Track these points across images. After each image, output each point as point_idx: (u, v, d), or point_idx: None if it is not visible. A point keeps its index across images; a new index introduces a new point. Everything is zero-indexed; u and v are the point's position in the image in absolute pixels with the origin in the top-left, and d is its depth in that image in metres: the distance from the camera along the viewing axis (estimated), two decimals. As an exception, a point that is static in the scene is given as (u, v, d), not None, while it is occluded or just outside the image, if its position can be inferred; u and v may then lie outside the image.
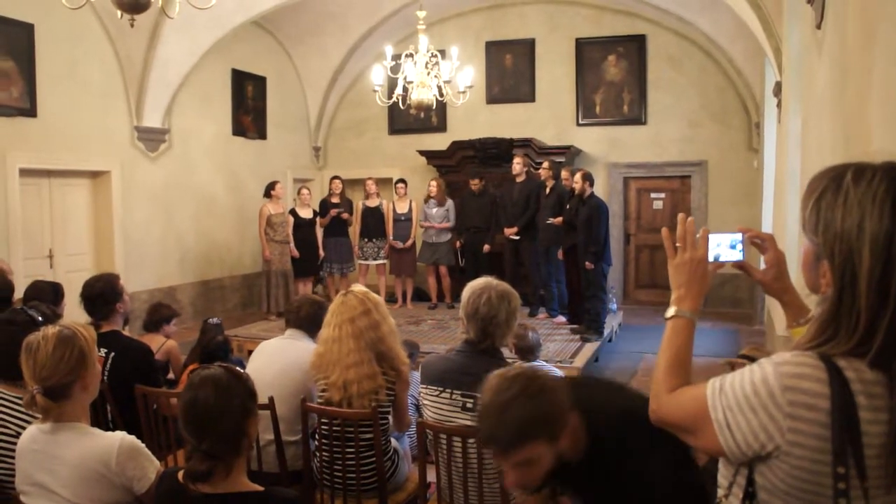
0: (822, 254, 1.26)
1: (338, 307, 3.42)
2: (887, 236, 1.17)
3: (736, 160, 11.17)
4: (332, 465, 3.37)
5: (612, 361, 8.16)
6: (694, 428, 1.40)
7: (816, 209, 1.27)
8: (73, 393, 2.31)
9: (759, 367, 1.29)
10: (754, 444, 1.28)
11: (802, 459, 1.24)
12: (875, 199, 1.19)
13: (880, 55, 2.01)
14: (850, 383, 1.21)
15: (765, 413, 1.26)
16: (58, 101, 8.39)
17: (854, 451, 1.20)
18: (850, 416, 1.20)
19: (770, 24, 6.61)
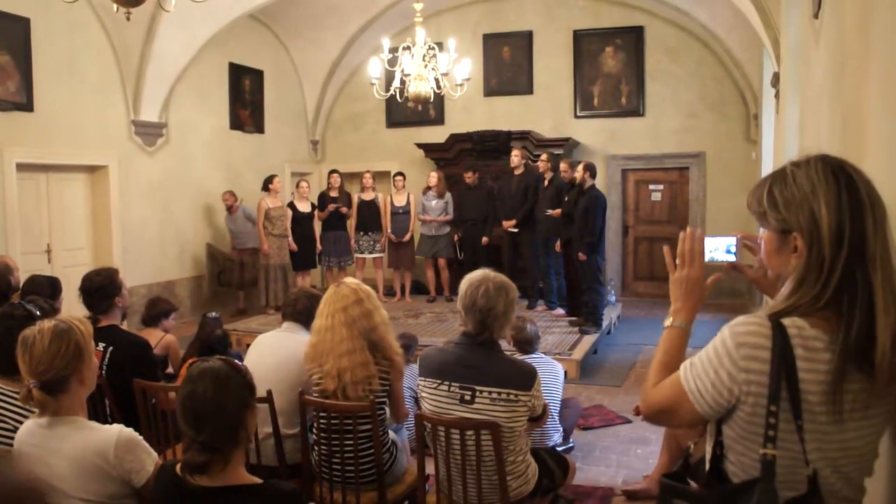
0: (790, 224, 1.51)
1: (330, 297, 3.43)
2: (836, 194, 1.46)
3: (734, 151, 11.16)
4: (331, 457, 3.37)
5: (611, 353, 8.17)
6: (675, 406, 1.61)
7: (771, 197, 1.54)
8: (69, 387, 2.31)
9: (720, 334, 1.53)
10: (721, 401, 1.52)
11: (753, 405, 1.48)
12: (818, 171, 1.48)
13: (877, 44, 2.01)
14: (791, 338, 1.45)
15: (724, 370, 1.50)
16: (55, 95, 8.37)
17: (791, 395, 1.44)
18: (789, 364, 1.44)
19: (768, 15, 6.60)
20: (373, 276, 10.43)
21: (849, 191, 1.46)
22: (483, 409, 2.92)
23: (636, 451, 5.29)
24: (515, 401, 2.92)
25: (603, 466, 5.03)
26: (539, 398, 3.05)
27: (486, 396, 2.92)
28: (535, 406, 3.02)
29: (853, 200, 1.46)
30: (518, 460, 3.04)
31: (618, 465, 5.06)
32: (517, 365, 3.07)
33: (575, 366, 7.11)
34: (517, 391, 2.92)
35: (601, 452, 5.29)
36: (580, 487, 4.57)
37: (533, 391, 2.97)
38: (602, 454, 5.26)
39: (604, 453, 5.27)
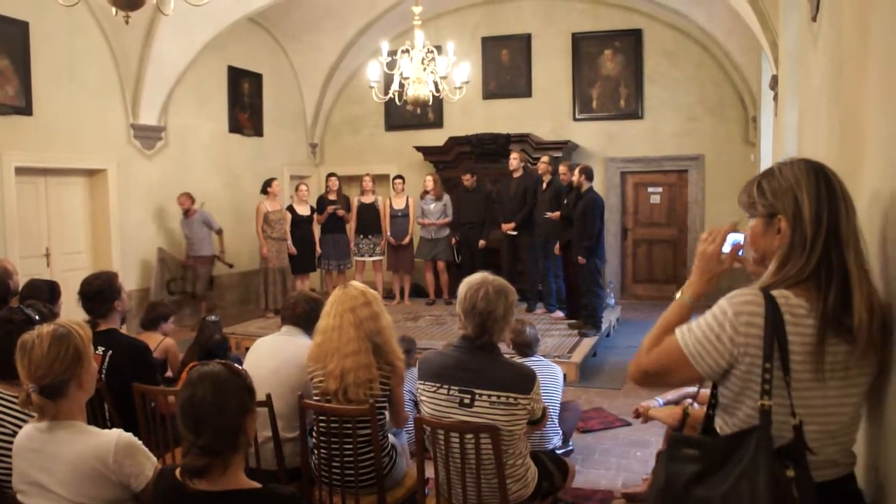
0: (776, 209, 1.78)
1: (338, 297, 3.43)
2: (815, 186, 1.73)
3: (733, 154, 11.17)
4: (331, 461, 3.37)
5: (610, 356, 8.17)
6: (672, 369, 1.83)
7: (759, 188, 1.83)
8: (68, 391, 2.31)
9: (717, 305, 1.76)
10: (722, 362, 1.75)
11: (749, 364, 1.71)
12: (800, 168, 1.77)
13: (875, 46, 2.01)
14: (780, 306, 1.69)
15: (725, 335, 1.72)
16: (53, 99, 8.37)
17: (781, 354, 1.67)
18: (779, 328, 1.68)
19: (766, 18, 6.61)
20: (372, 279, 10.42)
21: (826, 185, 1.73)
22: (482, 412, 2.91)
23: (636, 453, 5.29)
24: (515, 404, 2.92)
25: (602, 469, 5.03)
26: (538, 401, 3.05)
27: (485, 400, 2.92)
28: (535, 409, 3.02)
29: (829, 192, 1.73)
30: (517, 463, 3.04)
31: (617, 467, 5.06)
32: (516, 368, 3.06)
33: (574, 369, 7.11)
34: (516, 394, 2.92)
35: (601, 455, 5.29)
36: (580, 490, 4.57)
37: (532, 394, 2.97)
38: (601, 457, 5.26)
39: (603, 456, 5.27)
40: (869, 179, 2.07)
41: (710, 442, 1.78)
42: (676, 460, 1.80)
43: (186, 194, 9.79)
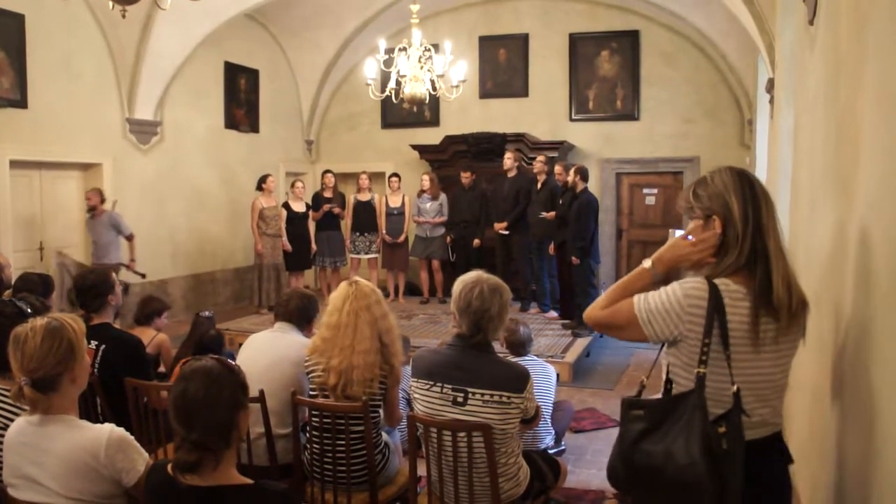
0: (712, 210, 2.09)
1: (349, 294, 3.42)
2: (741, 188, 2.06)
3: (728, 156, 11.15)
4: (323, 458, 3.37)
5: (604, 356, 8.18)
6: (624, 326, 2.13)
7: (695, 193, 2.15)
8: (61, 385, 2.30)
9: (671, 287, 2.08)
10: (666, 332, 2.07)
11: (693, 340, 2.02)
12: (728, 174, 2.10)
13: (872, 50, 2.01)
14: (721, 292, 2.00)
15: (673, 313, 2.04)
16: (49, 92, 8.35)
17: (721, 332, 1.98)
18: (720, 310, 1.99)
19: (763, 21, 6.61)
20: (367, 277, 10.38)
21: (749, 187, 2.07)
22: (475, 410, 2.91)
23: (628, 454, 5.29)
24: (508, 403, 2.92)
25: (594, 469, 5.03)
26: (531, 400, 3.05)
27: (478, 398, 2.92)
28: (528, 408, 3.02)
29: (752, 193, 2.06)
30: (510, 462, 3.04)
31: (609, 468, 5.05)
32: (510, 367, 3.07)
33: (567, 368, 7.12)
34: (509, 393, 2.92)
35: (593, 455, 5.29)
36: (572, 490, 4.57)
37: (525, 393, 2.97)
38: (594, 457, 5.26)
39: (595, 456, 5.27)
40: (865, 183, 2.08)
41: (654, 403, 2.08)
42: (627, 421, 2.10)
43: (96, 190, 8.57)
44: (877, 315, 1.88)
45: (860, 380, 2.07)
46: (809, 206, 3.45)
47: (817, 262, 2.98)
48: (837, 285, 2.50)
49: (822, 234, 2.94)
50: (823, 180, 3.00)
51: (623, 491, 2.20)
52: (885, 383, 1.78)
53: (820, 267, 2.95)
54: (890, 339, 1.74)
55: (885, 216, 1.81)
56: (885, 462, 1.77)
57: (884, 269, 1.81)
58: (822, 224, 2.95)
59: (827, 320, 2.66)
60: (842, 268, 2.44)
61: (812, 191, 3.41)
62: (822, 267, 2.88)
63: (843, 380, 2.36)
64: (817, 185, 3.22)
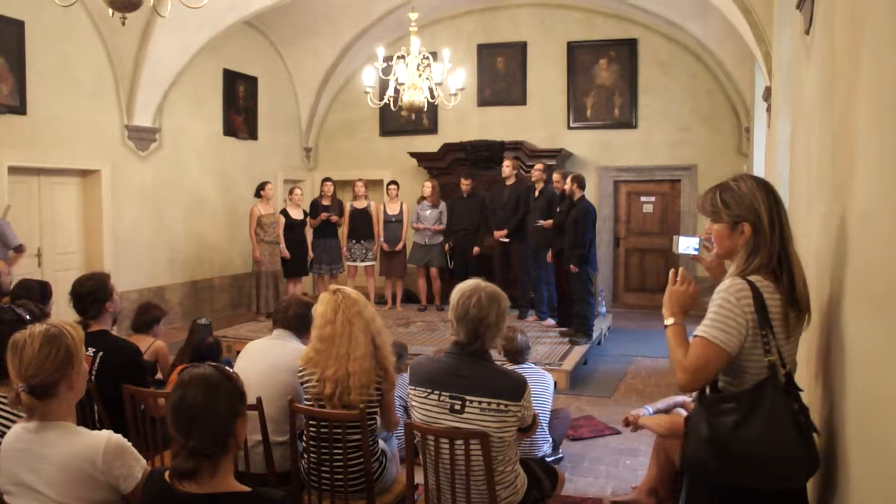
0: (742, 217, 2.30)
1: (339, 302, 3.42)
2: (767, 198, 2.29)
3: (725, 165, 11.18)
4: (320, 466, 3.37)
5: (601, 364, 8.18)
6: (709, 360, 2.25)
7: (722, 199, 2.34)
8: (58, 392, 2.30)
9: (718, 300, 2.26)
10: (741, 337, 2.22)
11: (752, 332, 2.23)
12: (753, 181, 2.34)
13: (867, 60, 2.02)
14: (759, 287, 2.23)
15: (739, 315, 2.22)
16: (48, 98, 8.36)
17: (767, 321, 2.22)
18: (762, 303, 2.22)
19: (760, 30, 6.64)
20: (364, 285, 10.42)
21: (774, 195, 2.31)
22: (473, 418, 2.92)
23: (625, 462, 5.30)
24: (505, 411, 2.93)
25: (592, 477, 5.03)
26: (529, 408, 3.06)
27: (475, 406, 2.92)
28: (525, 416, 3.03)
29: (775, 200, 2.31)
30: (507, 470, 3.04)
31: (607, 476, 5.06)
32: (507, 375, 3.07)
33: (565, 376, 7.12)
34: (507, 401, 2.93)
35: (590, 463, 5.29)
36: (569, 498, 4.57)
37: (523, 401, 2.97)
38: (591, 465, 5.26)
39: (593, 464, 5.27)
40: (861, 192, 2.09)
41: (742, 395, 2.24)
42: (717, 415, 2.23)
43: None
44: (869, 322, 1.89)
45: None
46: (806, 213, 3.46)
47: (814, 268, 3.00)
48: (834, 289, 2.51)
49: (817, 241, 2.95)
50: (819, 188, 3.02)
51: (711, 480, 2.29)
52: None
53: (816, 271, 2.96)
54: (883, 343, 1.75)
55: (881, 225, 1.82)
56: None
57: (879, 277, 1.82)
58: (817, 231, 2.96)
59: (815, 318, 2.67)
60: (837, 268, 2.46)
61: (808, 199, 3.42)
62: (819, 271, 2.89)
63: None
64: (813, 194, 3.23)
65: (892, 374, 1.65)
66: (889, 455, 1.66)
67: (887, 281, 1.73)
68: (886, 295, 1.73)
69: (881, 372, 1.77)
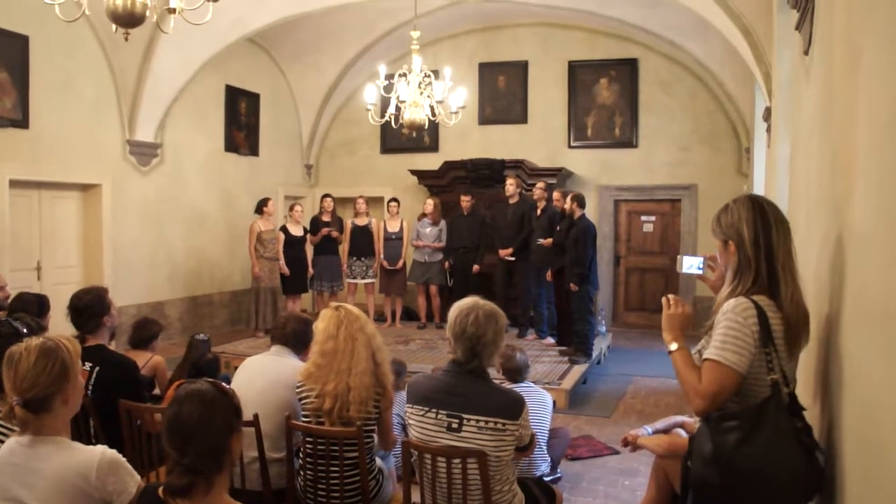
0: (728, 237, 2.44)
1: (342, 318, 3.43)
2: (752, 218, 2.38)
3: (726, 184, 11.22)
4: (317, 483, 3.35)
5: (601, 384, 8.15)
6: (725, 382, 2.29)
7: (718, 221, 2.50)
8: (53, 406, 2.28)
9: (724, 318, 2.33)
10: (751, 356, 2.29)
11: (756, 350, 2.29)
12: (742, 205, 2.43)
13: (865, 80, 2.03)
14: (762, 306, 2.31)
15: (747, 335, 2.29)
16: (50, 112, 8.39)
17: (770, 340, 2.29)
18: (765, 321, 2.30)
19: (760, 50, 6.68)
20: (364, 302, 10.41)
21: (761, 216, 2.38)
22: (470, 437, 2.90)
23: (624, 482, 5.27)
24: (503, 430, 2.91)
25: (590, 497, 5.00)
26: (527, 427, 3.04)
27: (473, 425, 2.91)
28: (523, 435, 3.01)
29: (764, 221, 2.38)
30: (504, 489, 3.02)
31: (605, 496, 5.03)
32: (505, 394, 3.06)
33: (564, 396, 7.09)
34: (505, 420, 2.91)
35: (589, 483, 5.26)
36: (567, 518, 4.53)
37: (520, 420, 2.96)
38: (590, 485, 5.23)
39: (591, 484, 5.24)
40: (859, 212, 2.09)
41: (744, 412, 2.27)
42: (721, 433, 2.26)
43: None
44: (867, 341, 1.88)
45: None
46: (805, 233, 3.46)
47: (813, 288, 2.99)
48: (833, 309, 2.51)
49: (816, 261, 2.95)
50: (818, 208, 3.02)
51: (714, 499, 2.32)
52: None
53: (815, 291, 2.96)
54: (882, 363, 1.74)
55: (879, 245, 1.82)
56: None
57: (877, 297, 1.82)
58: (817, 248, 2.96)
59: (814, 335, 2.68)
60: (836, 287, 2.46)
61: (808, 218, 3.42)
62: (818, 291, 2.88)
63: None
64: (812, 213, 3.23)
65: (891, 394, 1.65)
66: (887, 471, 1.66)
67: (885, 301, 1.73)
68: (884, 315, 1.73)
69: (879, 392, 1.76)
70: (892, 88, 1.69)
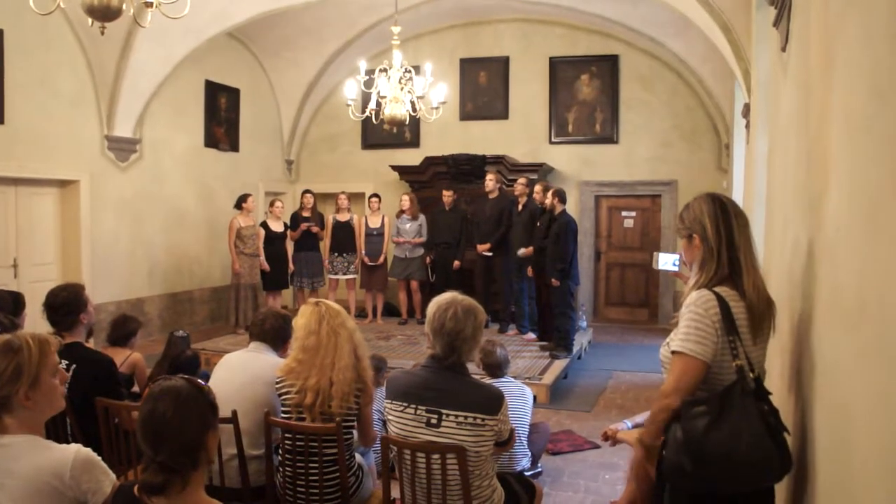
0: (693, 231, 2.56)
1: (325, 313, 3.43)
2: (713, 212, 2.51)
3: (705, 180, 11.26)
4: (296, 480, 3.34)
5: (581, 378, 8.18)
6: (690, 374, 2.40)
7: (682, 218, 2.64)
8: (12, 406, 2.23)
9: (688, 315, 2.44)
10: (715, 344, 2.39)
11: (720, 341, 2.39)
12: (703, 200, 2.58)
13: (840, 77, 2.05)
14: (724, 296, 2.43)
15: (709, 325, 2.40)
16: (27, 108, 8.29)
17: (734, 328, 2.40)
18: (727, 310, 2.41)
19: (739, 47, 6.71)
20: (345, 297, 10.38)
21: (721, 210, 2.52)
22: (449, 432, 2.90)
23: (604, 476, 5.29)
24: (482, 425, 2.91)
25: (571, 492, 5.02)
26: (506, 423, 3.04)
27: (452, 420, 2.91)
28: (502, 430, 3.01)
29: (724, 215, 2.51)
30: (484, 485, 3.02)
31: (586, 490, 5.05)
32: (484, 389, 3.06)
33: (545, 390, 7.12)
34: (483, 415, 2.91)
35: (569, 478, 5.28)
36: (547, 513, 4.55)
37: (499, 415, 2.96)
38: (570, 479, 5.25)
39: (572, 478, 5.26)
40: (833, 209, 2.10)
41: (711, 398, 2.35)
42: (690, 419, 2.33)
43: None
44: (840, 336, 1.90)
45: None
46: (782, 227, 3.49)
47: (789, 278, 3.03)
48: (806, 304, 2.53)
49: (793, 254, 2.97)
50: (794, 205, 3.04)
51: (688, 484, 2.37)
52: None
53: (789, 287, 2.99)
54: (853, 358, 1.76)
55: (852, 238, 1.83)
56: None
57: (850, 287, 1.83)
58: (793, 245, 2.99)
59: (787, 331, 2.69)
60: (810, 284, 2.49)
61: (784, 215, 3.45)
62: (792, 286, 2.91)
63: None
64: (789, 210, 3.25)
65: (863, 386, 1.66)
66: (854, 458, 1.68)
67: (858, 297, 1.75)
68: (857, 310, 1.74)
69: (851, 385, 1.78)
70: (866, 85, 1.71)
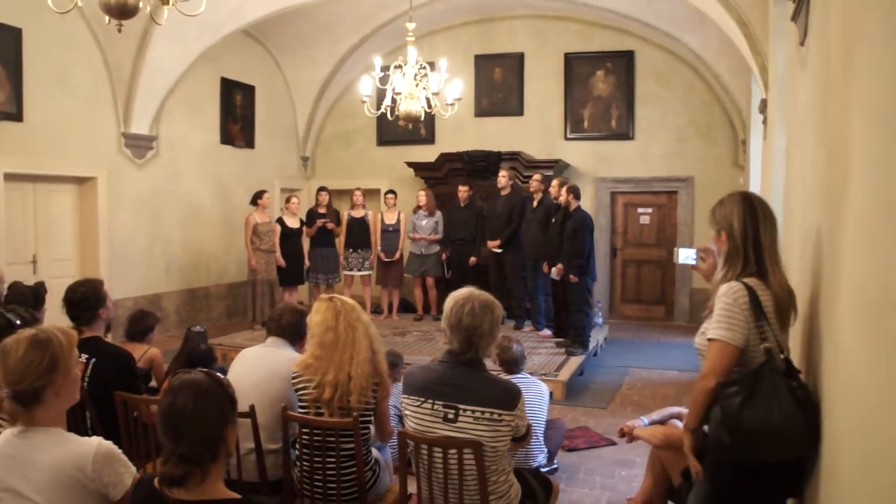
0: (721, 228, 2.75)
1: (341, 308, 3.43)
2: (742, 211, 2.70)
3: (722, 176, 11.22)
4: (313, 474, 3.35)
5: (597, 375, 8.16)
6: (725, 358, 2.61)
7: (713, 212, 2.82)
8: (44, 398, 2.26)
9: (718, 301, 2.65)
10: (746, 330, 2.59)
11: (751, 327, 2.58)
12: (734, 200, 2.75)
13: (860, 71, 2.03)
14: (751, 286, 2.61)
15: (740, 313, 2.59)
16: (45, 105, 8.36)
17: (762, 314, 2.59)
18: (756, 300, 2.60)
19: (756, 42, 6.67)
20: (360, 294, 10.40)
21: (750, 210, 2.70)
22: (466, 427, 2.90)
23: (620, 473, 5.28)
24: (499, 420, 2.91)
25: (587, 488, 5.01)
26: (523, 418, 3.04)
27: (469, 415, 2.91)
28: (519, 426, 3.01)
29: (752, 215, 2.69)
30: (501, 480, 3.02)
31: (602, 487, 5.04)
32: (501, 384, 3.06)
33: (561, 387, 7.11)
34: (501, 410, 2.91)
35: (585, 474, 5.27)
36: (563, 509, 4.55)
37: (517, 411, 2.96)
38: (586, 476, 5.24)
39: (588, 475, 5.25)
40: (855, 202, 2.08)
41: (743, 378, 2.54)
42: (725, 398, 2.53)
43: None
44: (864, 329, 1.89)
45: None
46: (801, 223, 3.47)
47: (808, 270, 3.01)
48: (826, 298, 2.52)
49: (812, 251, 2.95)
50: (813, 199, 3.02)
51: (729, 457, 2.55)
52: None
53: (810, 280, 2.97)
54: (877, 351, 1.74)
55: (875, 233, 1.81)
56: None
57: (874, 285, 1.82)
58: (813, 237, 2.96)
59: (804, 323, 2.68)
60: (830, 276, 2.47)
61: (803, 209, 3.42)
62: (812, 280, 2.90)
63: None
64: (807, 204, 3.23)
65: (889, 379, 1.64)
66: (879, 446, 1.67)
67: (882, 290, 1.73)
68: (881, 304, 1.73)
69: (876, 379, 1.76)
70: (888, 78, 1.69)
